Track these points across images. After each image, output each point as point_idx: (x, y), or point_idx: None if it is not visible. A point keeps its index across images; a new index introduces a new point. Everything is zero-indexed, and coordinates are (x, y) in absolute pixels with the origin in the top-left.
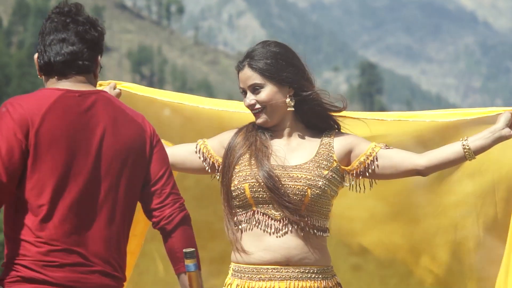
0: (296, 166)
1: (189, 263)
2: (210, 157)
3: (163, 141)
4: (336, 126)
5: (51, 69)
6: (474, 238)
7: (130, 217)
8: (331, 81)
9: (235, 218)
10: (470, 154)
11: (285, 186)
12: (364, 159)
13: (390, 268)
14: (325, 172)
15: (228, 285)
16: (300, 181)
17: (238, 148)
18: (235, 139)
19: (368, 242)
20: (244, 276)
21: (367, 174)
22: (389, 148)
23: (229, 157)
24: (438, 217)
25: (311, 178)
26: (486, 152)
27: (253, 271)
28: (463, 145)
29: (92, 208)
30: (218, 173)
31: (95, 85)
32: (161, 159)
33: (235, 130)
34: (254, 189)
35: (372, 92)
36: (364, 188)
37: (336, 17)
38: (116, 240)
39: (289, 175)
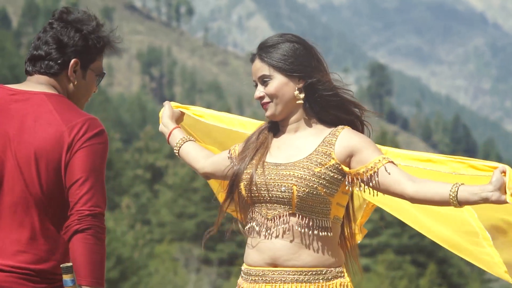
0: (288, 163)
1: (66, 278)
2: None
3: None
4: (356, 118)
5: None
6: (482, 241)
7: (55, 216)
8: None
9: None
10: (454, 202)
11: (273, 184)
12: (363, 171)
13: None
14: (317, 170)
15: (237, 285)
16: (287, 179)
17: (247, 146)
18: (251, 137)
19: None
20: (244, 277)
21: (366, 185)
22: (391, 165)
23: (241, 154)
24: (448, 219)
25: (297, 175)
26: None
27: (249, 272)
28: (451, 191)
29: None
30: None
31: (68, 89)
32: (78, 166)
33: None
34: (247, 188)
35: (381, 94)
36: (375, 193)
37: (345, 18)
38: (27, 239)
39: (278, 173)
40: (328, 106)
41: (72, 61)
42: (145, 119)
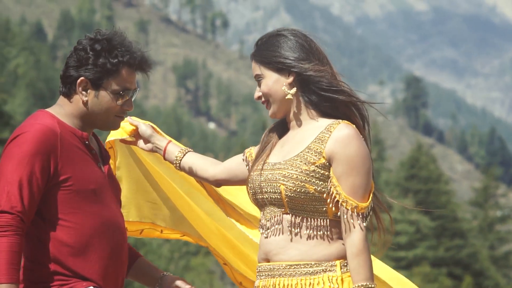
0: (281, 162)
1: None
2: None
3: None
4: (358, 113)
5: None
6: None
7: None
8: (376, 95)
9: None
10: None
11: (266, 185)
12: (334, 194)
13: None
14: (305, 167)
15: None
16: (276, 179)
17: (257, 147)
18: (262, 138)
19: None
20: None
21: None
22: (356, 217)
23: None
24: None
25: (285, 174)
26: None
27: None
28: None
29: None
30: None
31: (81, 108)
32: None
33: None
34: (250, 192)
35: (417, 106)
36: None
37: (381, 30)
38: None
39: (271, 173)
40: (323, 96)
41: (79, 79)
42: (181, 132)
